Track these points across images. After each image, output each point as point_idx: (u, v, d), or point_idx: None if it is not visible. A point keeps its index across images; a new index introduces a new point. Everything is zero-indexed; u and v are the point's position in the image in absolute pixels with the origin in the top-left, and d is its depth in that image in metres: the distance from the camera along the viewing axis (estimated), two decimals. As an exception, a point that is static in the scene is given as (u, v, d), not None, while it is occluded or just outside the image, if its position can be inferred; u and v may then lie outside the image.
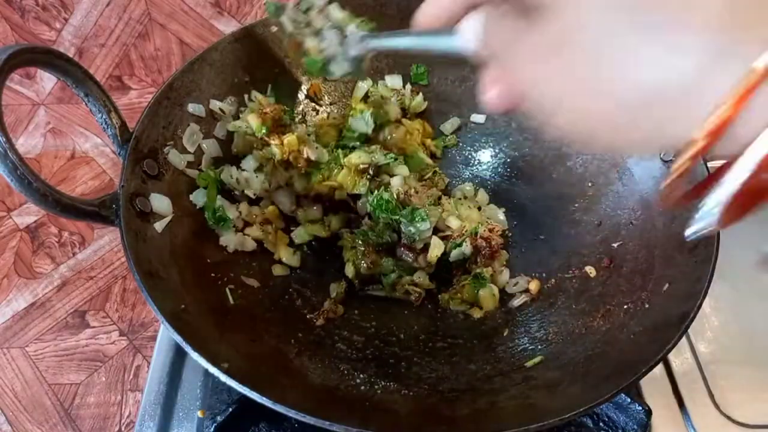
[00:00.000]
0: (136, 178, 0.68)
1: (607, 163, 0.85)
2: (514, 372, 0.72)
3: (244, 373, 0.57)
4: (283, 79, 0.90)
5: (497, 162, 0.96)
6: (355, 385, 0.69)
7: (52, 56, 0.61)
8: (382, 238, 0.82)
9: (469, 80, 0.95)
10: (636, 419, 0.73)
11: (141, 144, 0.70)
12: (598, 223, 0.83)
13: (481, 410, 0.66)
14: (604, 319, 0.73)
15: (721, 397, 0.80)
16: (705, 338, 0.87)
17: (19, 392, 1.32)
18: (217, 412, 0.72)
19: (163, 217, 0.69)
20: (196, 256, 0.73)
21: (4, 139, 0.53)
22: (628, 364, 0.62)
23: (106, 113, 0.67)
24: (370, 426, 0.55)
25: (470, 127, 0.97)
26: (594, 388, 0.61)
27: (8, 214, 1.46)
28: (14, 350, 1.36)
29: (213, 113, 0.81)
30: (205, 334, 0.62)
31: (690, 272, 0.67)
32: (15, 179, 0.54)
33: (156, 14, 1.11)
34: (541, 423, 0.55)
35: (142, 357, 1.36)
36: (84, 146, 1.41)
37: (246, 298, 0.74)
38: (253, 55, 0.86)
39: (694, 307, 0.62)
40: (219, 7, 1.10)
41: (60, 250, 1.45)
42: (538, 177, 0.92)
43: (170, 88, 0.76)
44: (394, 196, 0.81)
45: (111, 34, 1.15)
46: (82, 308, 1.41)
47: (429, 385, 0.71)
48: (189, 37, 1.15)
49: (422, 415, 0.66)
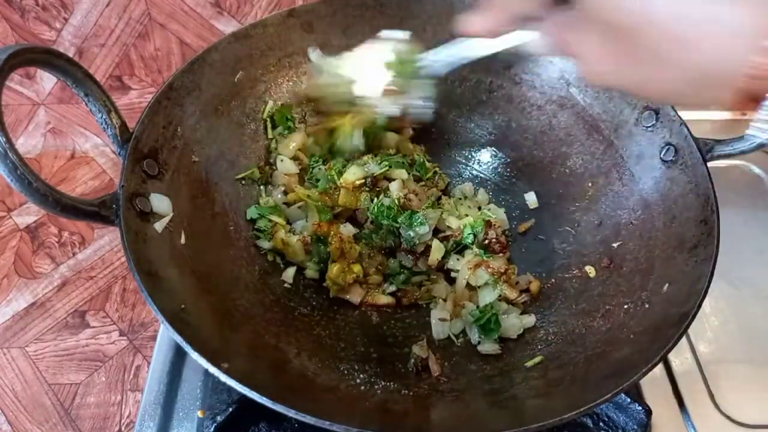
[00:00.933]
0: (136, 178, 0.68)
1: (607, 163, 0.85)
2: (514, 372, 0.72)
3: (244, 373, 0.57)
4: (282, 79, 0.90)
5: (497, 162, 0.96)
6: (355, 385, 0.69)
7: (51, 56, 0.61)
8: (385, 242, 0.82)
9: (469, 80, 0.95)
10: (636, 419, 0.73)
11: (141, 144, 0.70)
12: (598, 223, 0.83)
13: (481, 410, 0.66)
14: (604, 319, 0.73)
15: (721, 397, 0.80)
16: (705, 338, 0.87)
17: (19, 392, 1.32)
18: (217, 412, 0.72)
19: (163, 217, 0.69)
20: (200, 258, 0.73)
21: (4, 139, 0.52)
22: (628, 364, 0.62)
23: (106, 113, 0.67)
24: (370, 426, 0.55)
25: (471, 127, 0.97)
26: (594, 388, 0.61)
27: (8, 214, 1.46)
28: (14, 350, 1.36)
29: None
30: (205, 334, 0.62)
31: (690, 272, 0.67)
32: (15, 179, 0.54)
33: (156, 14, 1.11)
34: (541, 423, 0.55)
35: (142, 357, 1.36)
36: (84, 146, 1.41)
37: (246, 299, 0.74)
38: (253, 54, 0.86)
39: (694, 307, 0.62)
40: (219, 7, 1.10)
41: (60, 250, 1.45)
42: (538, 177, 0.92)
43: (170, 88, 0.76)
44: (395, 201, 0.81)
45: (111, 34, 1.15)
46: (82, 308, 1.41)
47: (429, 385, 0.71)
48: (189, 37, 1.15)
49: (422, 415, 0.66)
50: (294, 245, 0.80)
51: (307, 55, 0.91)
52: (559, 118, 0.90)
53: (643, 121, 0.81)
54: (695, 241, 0.70)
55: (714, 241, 0.67)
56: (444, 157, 0.97)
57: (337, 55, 0.78)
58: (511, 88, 0.93)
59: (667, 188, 0.76)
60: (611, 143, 0.85)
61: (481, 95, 0.95)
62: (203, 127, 0.80)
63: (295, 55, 0.90)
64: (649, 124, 0.81)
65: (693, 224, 0.71)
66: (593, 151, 0.87)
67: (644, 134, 0.81)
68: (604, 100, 0.86)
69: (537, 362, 0.72)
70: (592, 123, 0.87)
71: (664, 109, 0.79)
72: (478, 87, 0.95)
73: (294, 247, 0.80)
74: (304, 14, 0.89)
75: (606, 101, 0.85)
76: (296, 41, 0.89)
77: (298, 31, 0.89)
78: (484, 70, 0.93)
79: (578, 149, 0.89)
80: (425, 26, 0.93)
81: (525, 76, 0.92)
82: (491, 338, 0.75)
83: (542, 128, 0.92)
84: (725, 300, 0.90)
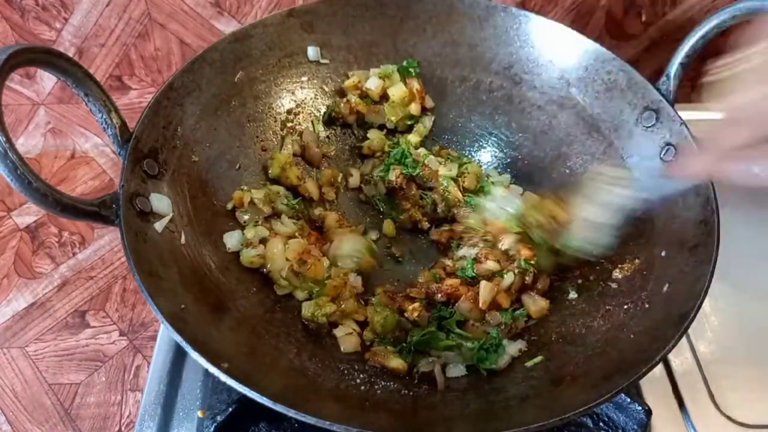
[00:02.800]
0: (136, 178, 0.68)
1: (607, 163, 0.85)
2: (514, 372, 0.72)
3: (244, 373, 0.57)
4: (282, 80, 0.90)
5: (497, 162, 0.96)
6: (355, 385, 0.69)
7: (51, 56, 0.61)
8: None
9: (469, 80, 0.95)
10: (636, 419, 0.73)
11: (141, 144, 0.70)
12: (598, 223, 0.83)
13: (481, 410, 0.66)
14: (604, 319, 0.73)
15: (721, 397, 0.80)
16: (705, 338, 0.87)
17: (19, 392, 1.32)
18: (217, 412, 0.72)
19: (163, 217, 0.69)
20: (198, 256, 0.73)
21: (4, 139, 0.53)
22: (628, 364, 0.62)
23: (106, 113, 0.67)
24: (370, 426, 0.55)
25: (471, 127, 0.97)
26: (594, 388, 0.61)
27: (8, 214, 1.46)
28: (14, 350, 1.36)
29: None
30: (205, 334, 0.62)
31: (690, 272, 0.67)
32: (15, 179, 0.54)
33: (156, 14, 1.11)
34: (541, 423, 0.55)
35: (142, 357, 1.36)
36: (84, 146, 1.40)
37: (246, 299, 0.74)
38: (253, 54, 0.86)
39: (694, 307, 0.62)
40: (219, 7, 1.10)
41: (60, 250, 1.45)
42: (538, 177, 0.92)
43: (170, 88, 0.76)
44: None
45: (111, 34, 1.15)
46: (82, 308, 1.41)
47: (429, 385, 0.71)
48: (189, 37, 1.15)
49: (422, 415, 0.66)
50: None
51: (307, 55, 0.91)
52: (559, 118, 0.90)
53: (643, 121, 0.81)
54: (695, 241, 0.70)
55: (714, 241, 0.67)
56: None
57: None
58: (511, 88, 0.93)
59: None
60: (611, 143, 0.85)
61: (481, 95, 0.95)
62: (203, 127, 0.80)
63: (295, 55, 0.90)
64: (649, 124, 0.81)
65: (693, 224, 0.71)
66: (593, 151, 0.87)
67: (644, 134, 0.81)
68: (604, 100, 0.86)
69: (537, 362, 0.72)
70: (592, 123, 0.87)
71: (664, 109, 0.79)
72: (478, 87, 0.95)
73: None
74: (304, 14, 0.89)
75: (606, 101, 0.85)
76: (296, 41, 0.89)
77: (298, 30, 0.89)
78: (484, 70, 0.93)
79: (578, 149, 0.89)
80: (425, 26, 0.93)
81: (525, 76, 0.92)
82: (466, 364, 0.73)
83: (542, 128, 0.92)
84: (725, 300, 0.90)
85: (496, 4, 0.90)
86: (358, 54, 0.94)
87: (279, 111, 0.90)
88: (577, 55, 0.87)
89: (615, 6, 1.15)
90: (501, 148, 0.95)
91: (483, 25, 0.91)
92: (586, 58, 0.86)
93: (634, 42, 1.21)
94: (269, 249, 0.76)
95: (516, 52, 0.91)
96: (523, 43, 0.90)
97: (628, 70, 0.83)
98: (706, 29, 0.76)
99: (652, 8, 1.16)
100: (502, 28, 0.90)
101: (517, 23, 0.89)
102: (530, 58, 0.90)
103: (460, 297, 0.76)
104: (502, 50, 0.91)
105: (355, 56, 0.94)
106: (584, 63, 0.86)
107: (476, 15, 0.91)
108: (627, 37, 1.20)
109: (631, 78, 0.82)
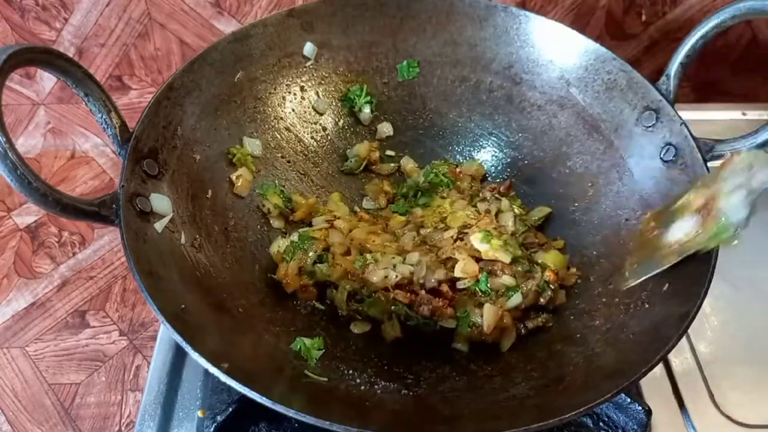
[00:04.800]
0: (136, 178, 0.68)
1: (607, 163, 0.85)
2: (514, 372, 0.72)
3: (244, 373, 0.57)
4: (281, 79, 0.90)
5: (497, 162, 0.96)
6: (355, 385, 0.69)
7: (51, 56, 0.61)
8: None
9: (469, 80, 0.95)
10: (636, 419, 0.73)
11: (141, 144, 0.70)
12: (598, 223, 0.83)
13: (481, 410, 0.66)
14: (604, 319, 0.73)
15: (721, 397, 0.80)
16: (705, 338, 0.87)
17: (19, 392, 1.32)
18: (217, 412, 0.72)
19: (163, 217, 0.69)
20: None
21: (4, 139, 0.52)
22: (628, 364, 0.62)
23: (106, 113, 0.67)
24: (370, 426, 0.55)
25: (471, 127, 0.97)
26: (594, 388, 0.61)
27: (8, 214, 1.46)
28: (14, 350, 1.36)
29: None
30: (205, 334, 0.62)
31: (690, 272, 0.67)
32: (15, 179, 0.54)
33: (156, 14, 1.11)
34: (541, 423, 0.55)
35: (142, 357, 1.36)
36: (84, 146, 1.40)
37: (247, 299, 0.74)
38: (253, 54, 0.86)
39: (694, 307, 0.62)
40: (219, 7, 1.10)
41: (60, 250, 1.45)
42: (538, 177, 0.92)
43: (170, 88, 0.76)
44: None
45: (111, 34, 1.15)
46: (82, 308, 1.41)
47: (429, 385, 0.71)
48: (189, 37, 1.15)
49: (422, 415, 0.66)
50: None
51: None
52: (559, 118, 0.90)
53: (643, 121, 0.81)
54: (695, 241, 0.70)
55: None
56: (444, 157, 0.97)
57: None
58: (511, 88, 0.93)
59: (667, 188, 0.76)
60: (611, 143, 0.85)
61: (481, 95, 0.95)
62: (203, 127, 0.80)
63: (295, 55, 0.90)
64: (649, 124, 0.80)
65: (693, 224, 0.71)
66: (593, 151, 0.87)
67: (644, 134, 0.81)
68: (604, 100, 0.86)
69: (537, 362, 0.72)
70: (592, 123, 0.87)
71: (664, 109, 0.79)
72: (478, 87, 0.95)
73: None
74: (304, 14, 0.89)
75: (606, 101, 0.85)
76: (296, 41, 0.89)
77: (298, 30, 0.89)
78: (484, 70, 0.93)
79: (578, 149, 0.88)
80: (425, 26, 0.93)
81: (525, 76, 0.92)
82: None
83: (542, 128, 0.92)
84: (725, 300, 0.90)
85: (496, 4, 0.90)
86: (358, 54, 0.94)
87: (279, 111, 0.90)
88: (577, 55, 0.87)
89: (615, 6, 1.15)
90: (501, 148, 0.95)
91: (483, 25, 0.91)
92: (586, 58, 0.86)
93: (634, 42, 1.21)
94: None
95: (516, 51, 0.91)
96: (523, 43, 0.90)
97: (628, 70, 0.83)
98: (706, 29, 0.76)
99: (652, 8, 1.16)
100: (502, 28, 0.90)
101: (517, 23, 0.89)
102: (530, 57, 0.90)
103: (445, 317, 0.75)
104: (502, 50, 0.91)
105: (355, 56, 0.94)
106: (584, 63, 0.86)
107: (476, 15, 0.91)
108: (627, 37, 1.20)
109: (631, 78, 0.82)
